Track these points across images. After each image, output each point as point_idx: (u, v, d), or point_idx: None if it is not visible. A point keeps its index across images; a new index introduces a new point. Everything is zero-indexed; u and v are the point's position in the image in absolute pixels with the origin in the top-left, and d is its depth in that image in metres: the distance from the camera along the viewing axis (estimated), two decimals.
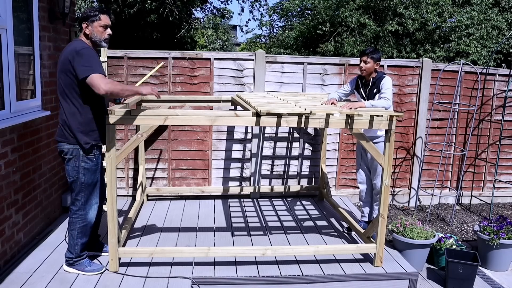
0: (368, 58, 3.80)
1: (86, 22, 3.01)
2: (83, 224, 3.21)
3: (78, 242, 3.21)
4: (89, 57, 2.89)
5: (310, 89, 5.22)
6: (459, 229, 5.07)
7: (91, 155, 3.11)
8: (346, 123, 3.26)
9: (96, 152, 3.15)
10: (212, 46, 21.85)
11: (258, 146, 5.23)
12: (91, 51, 2.95)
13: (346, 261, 3.60)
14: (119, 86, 2.92)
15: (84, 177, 3.12)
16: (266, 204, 5.09)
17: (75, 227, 3.19)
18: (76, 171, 3.10)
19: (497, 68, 5.70)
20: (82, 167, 3.10)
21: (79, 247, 3.23)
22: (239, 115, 3.18)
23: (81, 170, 3.10)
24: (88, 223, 3.23)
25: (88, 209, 3.21)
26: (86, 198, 3.18)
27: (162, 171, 5.14)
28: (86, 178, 3.12)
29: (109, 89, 2.83)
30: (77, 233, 3.20)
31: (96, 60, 2.92)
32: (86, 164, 3.10)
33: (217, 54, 5.08)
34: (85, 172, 3.11)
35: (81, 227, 3.20)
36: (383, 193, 3.42)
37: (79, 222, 3.19)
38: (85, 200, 3.18)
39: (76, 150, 3.06)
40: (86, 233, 3.25)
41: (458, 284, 3.71)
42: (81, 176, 3.11)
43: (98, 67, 2.90)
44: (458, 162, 5.72)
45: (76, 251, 3.24)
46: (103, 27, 3.03)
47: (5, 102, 3.35)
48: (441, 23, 10.67)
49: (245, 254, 3.50)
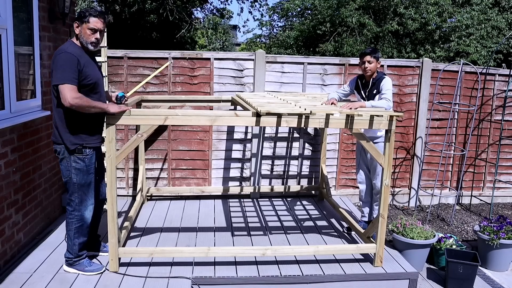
0: (371, 58, 3.79)
1: (77, 22, 3.00)
2: (79, 225, 3.20)
3: (75, 242, 3.22)
4: (64, 64, 2.85)
5: (310, 89, 5.22)
6: (459, 229, 5.07)
7: (81, 156, 3.08)
8: (346, 123, 3.26)
9: (88, 153, 3.11)
10: (212, 46, 21.87)
11: (258, 146, 5.23)
12: (69, 56, 2.88)
13: (346, 261, 3.60)
14: (86, 103, 2.90)
15: (76, 177, 3.10)
16: (266, 204, 5.09)
17: (72, 227, 3.20)
18: (68, 171, 3.10)
19: (497, 68, 5.70)
20: (73, 167, 3.08)
21: (77, 247, 3.24)
22: (239, 115, 3.18)
23: (73, 170, 3.09)
24: (84, 224, 3.22)
25: (84, 210, 3.20)
26: (81, 199, 3.16)
27: (162, 171, 5.14)
28: (78, 178, 3.11)
29: (75, 103, 2.85)
30: (73, 233, 3.20)
31: (70, 68, 2.86)
32: (77, 164, 3.08)
33: (217, 54, 5.08)
34: (76, 173, 3.09)
35: (77, 228, 3.20)
36: (383, 193, 3.42)
37: (75, 223, 3.19)
38: (80, 201, 3.17)
39: (66, 150, 3.07)
40: (83, 233, 3.24)
41: (458, 284, 3.71)
42: (73, 176, 3.10)
43: (70, 76, 2.85)
44: (458, 162, 5.72)
45: (75, 251, 3.24)
46: (90, 30, 2.99)
47: (5, 102, 3.35)
48: (441, 23, 10.67)
49: (245, 254, 3.50)
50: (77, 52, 2.97)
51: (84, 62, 2.97)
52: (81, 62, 2.94)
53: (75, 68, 2.89)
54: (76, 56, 2.92)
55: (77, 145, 3.05)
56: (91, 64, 3.08)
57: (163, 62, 4.93)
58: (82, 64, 2.95)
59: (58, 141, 3.08)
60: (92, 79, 3.02)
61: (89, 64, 3.03)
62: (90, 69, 3.03)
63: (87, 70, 2.99)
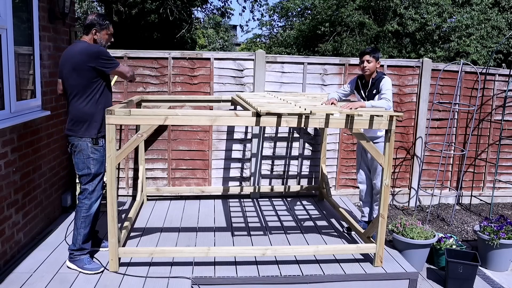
0: (370, 57, 3.79)
1: (95, 29, 3.33)
2: (87, 214, 3.34)
3: (81, 232, 3.33)
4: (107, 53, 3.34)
5: (310, 89, 5.22)
6: (459, 229, 5.07)
7: (98, 146, 3.32)
8: (346, 123, 3.26)
9: (102, 143, 3.35)
10: (212, 46, 21.86)
11: (258, 146, 5.23)
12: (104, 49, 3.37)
13: (346, 261, 3.60)
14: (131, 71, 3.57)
15: (94, 168, 3.32)
16: (266, 204, 5.09)
17: (80, 215, 3.33)
18: (84, 164, 3.30)
19: (497, 68, 5.70)
20: (91, 158, 3.30)
21: (82, 238, 3.33)
22: (239, 115, 3.18)
23: (91, 161, 3.30)
24: (90, 214, 3.37)
25: (94, 199, 3.36)
26: (94, 188, 3.35)
27: (162, 171, 5.14)
28: (96, 168, 3.33)
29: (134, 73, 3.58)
30: (80, 222, 3.33)
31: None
32: (95, 155, 3.31)
33: (217, 54, 5.08)
34: (94, 163, 3.32)
35: (84, 217, 3.33)
36: (383, 193, 3.42)
37: (84, 211, 3.34)
38: (92, 190, 3.35)
39: (84, 142, 3.27)
40: (88, 224, 3.36)
41: (458, 284, 3.72)
42: (92, 167, 3.32)
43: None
44: (458, 162, 5.72)
45: (79, 242, 3.33)
46: (109, 35, 3.43)
47: (5, 102, 3.35)
48: (441, 23, 10.67)
49: (245, 254, 3.50)
50: None
51: None
52: None
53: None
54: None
55: (94, 135, 3.29)
56: None
57: (163, 62, 4.94)
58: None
59: (78, 134, 3.26)
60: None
61: None
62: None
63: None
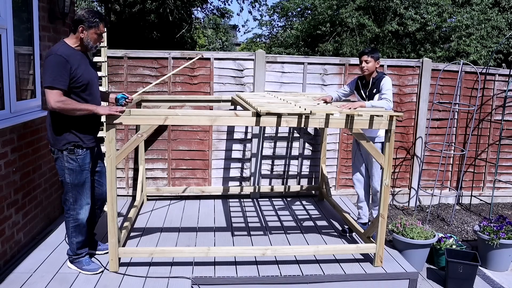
0: (369, 57, 3.80)
1: (83, 26, 2.97)
2: (75, 224, 3.21)
3: (73, 241, 3.25)
4: (52, 67, 2.86)
5: (310, 89, 5.22)
6: (459, 229, 5.07)
7: (73, 156, 3.07)
8: (346, 123, 3.26)
9: (81, 153, 3.10)
10: (212, 46, 21.84)
11: (258, 146, 5.23)
12: (58, 58, 2.87)
13: (346, 261, 3.60)
14: (70, 107, 2.90)
15: (69, 177, 3.11)
16: (266, 204, 5.09)
17: (69, 226, 3.23)
18: (62, 171, 3.12)
19: (497, 68, 5.70)
20: (66, 167, 3.09)
21: (75, 246, 3.27)
22: (239, 115, 3.18)
23: (66, 170, 3.10)
24: (80, 223, 3.22)
25: (78, 209, 3.19)
26: (75, 198, 3.16)
27: (162, 171, 5.14)
28: (71, 178, 3.11)
29: (57, 107, 2.87)
30: (70, 232, 3.23)
31: (58, 70, 2.86)
32: (70, 164, 3.08)
33: (217, 54, 5.08)
34: (69, 172, 3.10)
35: (74, 227, 3.22)
36: (383, 193, 3.42)
37: (71, 222, 3.21)
38: (74, 200, 3.16)
39: (59, 151, 3.08)
40: (81, 232, 3.25)
41: (458, 284, 3.72)
42: (67, 176, 3.11)
43: (57, 79, 2.85)
44: (458, 162, 5.72)
45: (73, 250, 3.27)
46: (98, 35, 3.04)
47: (5, 102, 3.36)
48: (441, 23, 10.66)
49: (245, 254, 3.50)
50: (68, 53, 2.94)
51: (75, 63, 2.95)
52: (72, 63, 2.92)
53: (63, 71, 2.87)
54: (66, 58, 2.89)
55: (67, 145, 3.05)
56: (84, 64, 3.05)
57: (163, 62, 4.94)
58: (73, 66, 2.92)
59: (51, 142, 3.10)
60: (83, 80, 3.00)
61: (81, 64, 3.01)
62: (82, 69, 3.01)
63: (79, 71, 2.97)
